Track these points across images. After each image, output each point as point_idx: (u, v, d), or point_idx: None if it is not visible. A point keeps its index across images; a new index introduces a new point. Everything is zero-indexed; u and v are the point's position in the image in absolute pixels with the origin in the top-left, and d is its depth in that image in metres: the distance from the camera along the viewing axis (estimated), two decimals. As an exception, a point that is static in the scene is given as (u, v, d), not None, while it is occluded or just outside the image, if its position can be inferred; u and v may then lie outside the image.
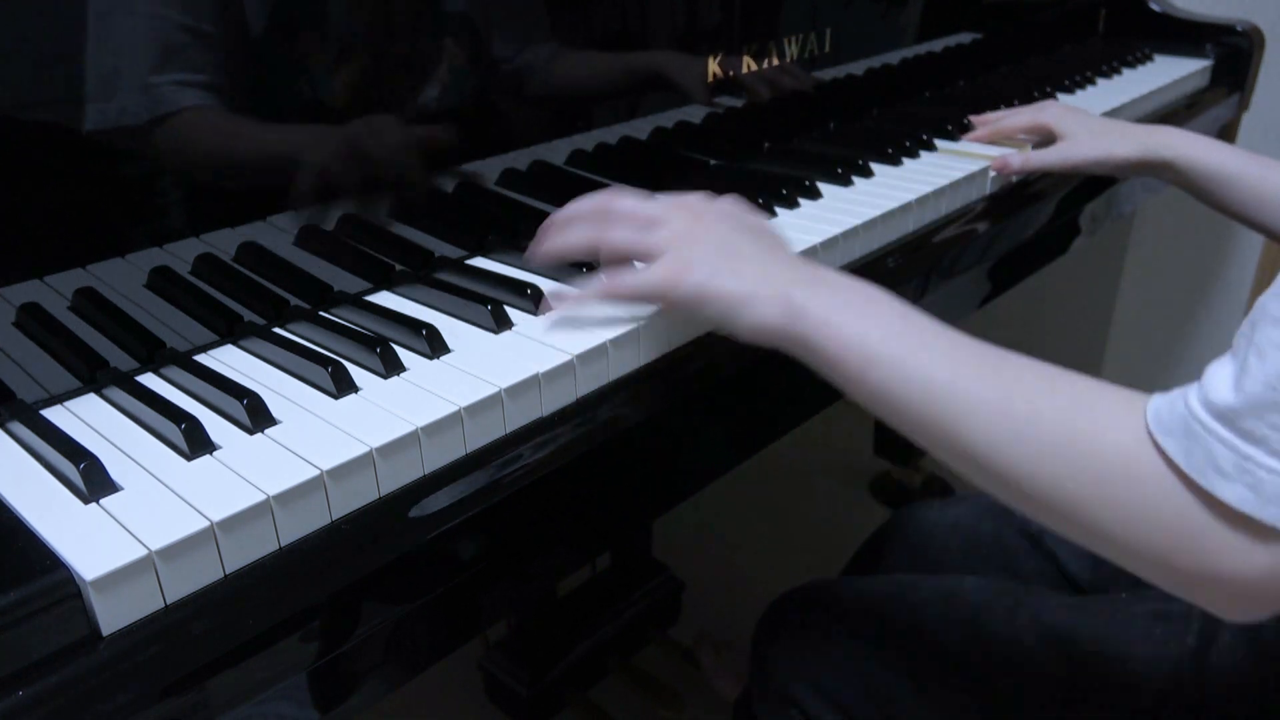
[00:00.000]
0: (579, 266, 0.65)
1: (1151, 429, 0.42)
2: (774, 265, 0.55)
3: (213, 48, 0.55)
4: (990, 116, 0.99)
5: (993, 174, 0.89)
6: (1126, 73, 1.31)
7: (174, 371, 0.55)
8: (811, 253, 0.71)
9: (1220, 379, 0.41)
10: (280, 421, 0.50)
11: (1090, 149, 0.89)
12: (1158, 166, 0.88)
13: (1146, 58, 1.39)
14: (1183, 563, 0.42)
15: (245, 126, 0.58)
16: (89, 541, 0.41)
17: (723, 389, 0.62)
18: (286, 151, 0.60)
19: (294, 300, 0.62)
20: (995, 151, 0.93)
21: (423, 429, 0.49)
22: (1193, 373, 0.43)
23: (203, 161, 0.57)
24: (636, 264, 0.58)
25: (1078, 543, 0.47)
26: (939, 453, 0.50)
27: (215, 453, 0.47)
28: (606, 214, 0.59)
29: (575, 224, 0.60)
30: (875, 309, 0.52)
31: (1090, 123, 0.92)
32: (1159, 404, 0.43)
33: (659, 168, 0.84)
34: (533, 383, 0.53)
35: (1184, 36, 1.41)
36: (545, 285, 0.64)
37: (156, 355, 0.56)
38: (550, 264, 0.63)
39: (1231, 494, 0.40)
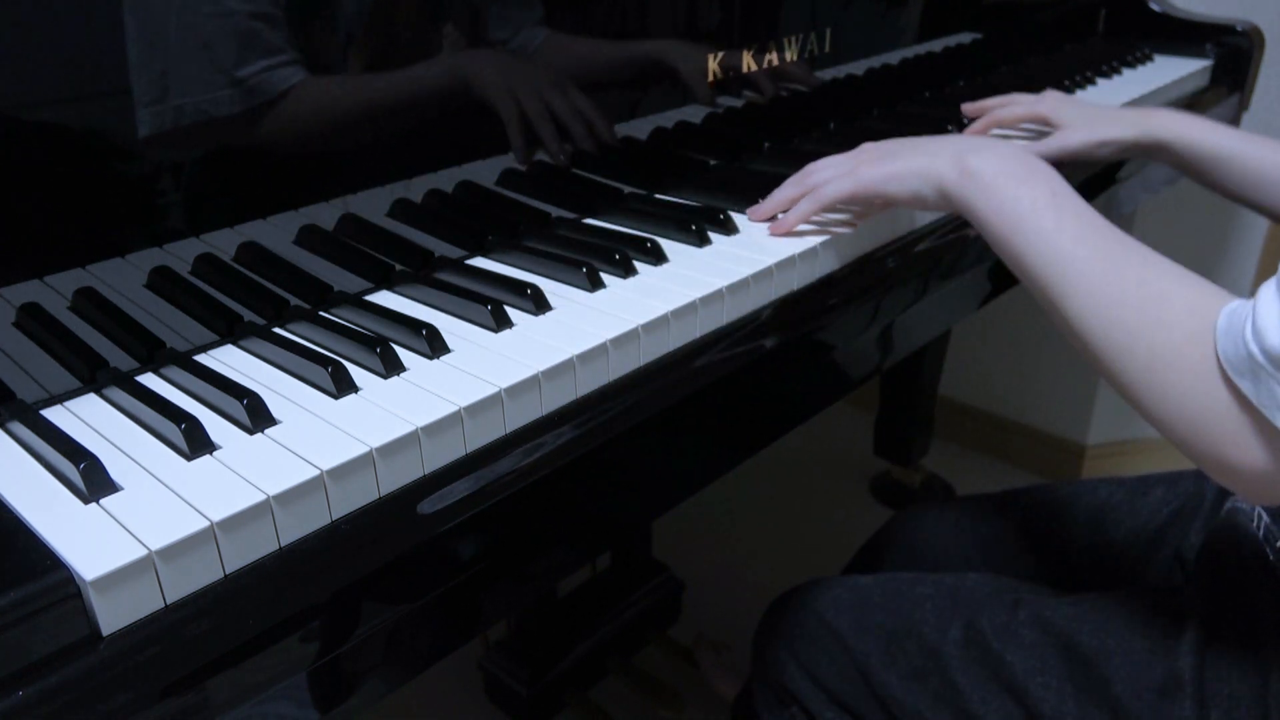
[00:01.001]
0: (580, 267, 0.65)
1: (1224, 368, 0.48)
2: (949, 141, 0.68)
3: (281, 25, 0.57)
4: (988, 103, 0.99)
5: None
6: (1126, 73, 1.31)
7: (174, 371, 0.55)
8: (811, 254, 0.71)
9: (1272, 318, 0.45)
10: (280, 421, 0.50)
11: (1086, 135, 0.89)
12: (1154, 148, 0.88)
13: (1146, 58, 1.39)
14: (1201, 445, 0.51)
15: (344, 87, 0.61)
16: (89, 541, 0.41)
17: (723, 388, 0.62)
18: (389, 100, 0.63)
19: (294, 300, 0.62)
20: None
21: (423, 429, 0.49)
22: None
23: (314, 133, 0.60)
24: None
25: (1133, 408, 0.55)
26: (1048, 312, 0.59)
27: (215, 453, 0.47)
28: (808, 171, 0.73)
29: (781, 193, 0.74)
30: (1034, 181, 0.61)
31: (1086, 110, 0.92)
32: (1225, 342, 0.49)
33: (659, 168, 0.84)
34: (533, 383, 0.53)
35: (1184, 36, 1.41)
36: (545, 285, 0.64)
37: (156, 355, 0.56)
38: (762, 218, 0.74)
39: None
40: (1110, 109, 0.94)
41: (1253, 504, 0.59)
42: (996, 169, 0.62)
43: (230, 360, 0.57)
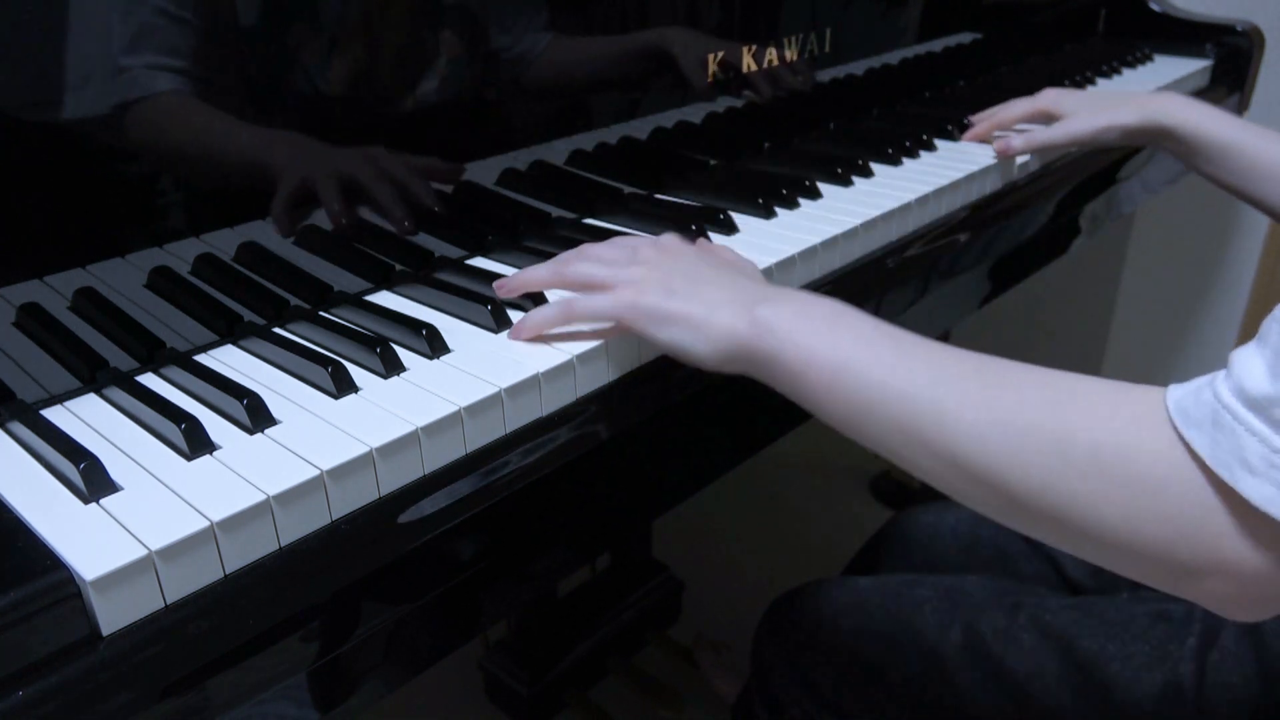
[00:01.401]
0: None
1: (1175, 421, 0.40)
2: (738, 287, 0.54)
3: (188, 33, 0.54)
4: (988, 111, 0.99)
5: (995, 159, 0.88)
6: (1126, 73, 1.31)
7: (174, 371, 0.55)
8: (811, 253, 0.71)
9: (1253, 368, 0.38)
10: (280, 421, 0.50)
11: (1090, 121, 0.88)
12: (1158, 133, 0.88)
13: (1146, 58, 1.39)
14: (1184, 554, 0.40)
15: (222, 121, 0.57)
16: (89, 541, 0.41)
17: (722, 389, 0.62)
18: (262, 155, 0.59)
19: (294, 300, 0.62)
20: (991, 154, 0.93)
21: (423, 429, 0.49)
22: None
23: (176, 153, 0.55)
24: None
25: (1066, 548, 0.45)
26: (918, 460, 0.47)
27: (215, 453, 0.47)
28: (577, 256, 0.59)
29: (544, 266, 0.60)
30: (846, 320, 0.50)
31: (1088, 98, 0.92)
32: (1181, 395, 0.40)
33: (659, 168, 0.84)
34: (533, 383, 0.53)
35: (1184, 36, 1.41)
36: (545, 285, 0.64)
37: (156, 355, 0.56)
38: (513, 296, 0.61)
39: (1256, 492, 0.37)
40: (1113, 94, 0.94)
41: (1250, 620, 0.43)
42: (795, 314, 0.51)
43: (230, 360, 0.57)
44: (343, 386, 0.52)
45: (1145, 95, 0.90)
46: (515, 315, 0.60)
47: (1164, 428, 0.40)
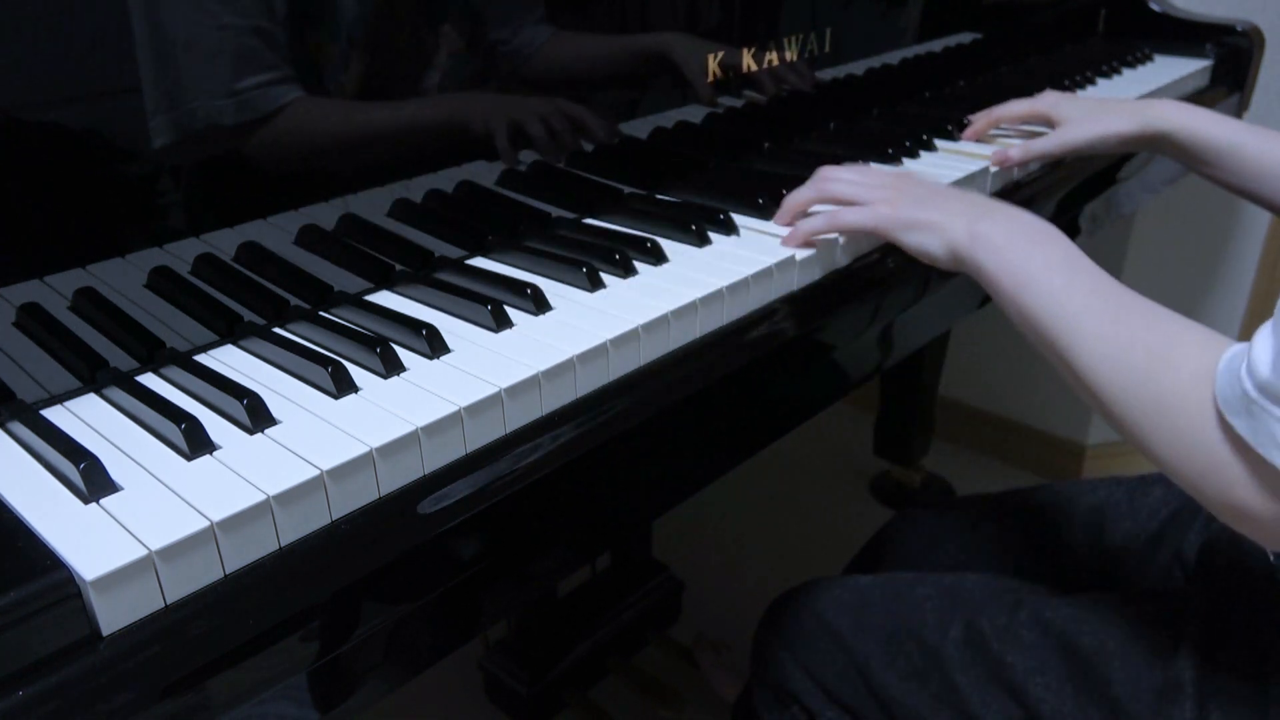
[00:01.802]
0: (580, 267, 0.65)
1: (1219, 405, 0.48)
2: (966, 200, 0.68)
3: (279, 42, 0.57)
4: (986, 111, 0.99)
5: (994, 169, 0.88)
6: (1126, 73, 1.31)
7: (174, 371, 0.55)
8: (811, 254, 0.71)
9: (1263, 353, 0.45)
10: (280, 421, 0.50)
11: (1088, 129, 0.88)
12: (1156, 139, 0.88)
13: (1146, 58, 1.39)
14: (1210, 491, 0.50)
15: (340, 109, 0.61)
16: (89, 541, 0.41)
17: (723, 388, 0.62)
18: (376, 129, 0.64)
19: (294, 300, 0.62)
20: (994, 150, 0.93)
21: (423, 429, 0.49)
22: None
23: (310, 152, 0.61)
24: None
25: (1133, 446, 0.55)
26: (1058, 368, 0.59)
27: (215, 453, 0.47)
28: (832, 177, 0.73)
29: (806, 185, 0.74)
30: (1041, 242, 0.62)
31: (1085, 105, 0.92)
32: (1223, 382, 0.48)
33: (659, 168, 0.84)
34: (533, 383, 0.53)
35: (1184, 36, 1.41)
36: (545, 285, 0.64)
37: (156, 355, 0.56)
38: (786, 221, 0.74)
39: None
40: (1111, 101, 0.94)
41: (1268, 548, 0.58)
42: (1007, 231, 0.63)
43: (230, 360, 0.57)
44: (343, 386, 0.52)
45: (1142, 102, 0.90)
46: (515, 315, 0.60)
47: (1209, 396, 0.49)
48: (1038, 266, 0.60)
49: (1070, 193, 0.98)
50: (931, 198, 0.68)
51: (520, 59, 0.70)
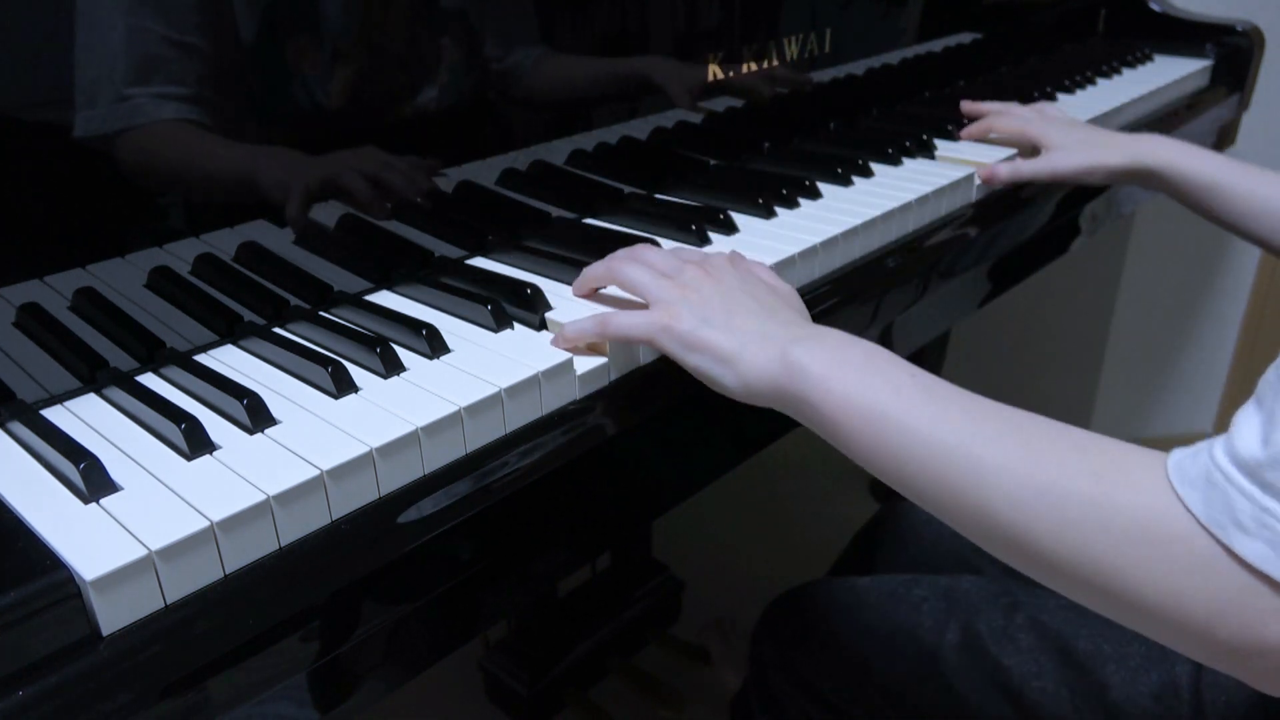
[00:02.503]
0: (580, 267, 0.65)
1: (1172, 479, 0.40)
2: (774, 323, 0.54)
3: (195, 61, 0.55)
4: (985, 106, 0.99)
5: (979, 184, 0.88)
6: (1126, 73, 1.31)
7: (174, 371, 0.55)
8: (812, 253, 0.71)
9: (1247, 431, 0.38)
10: (280, 421, 0.50)
11: (1076, 160, 0.88)
12: (1145, 176, 0.88)
13: (1146, 58, 1.39)
14: (1223, 633, 0.39)
15: (222, 145, 0.57)
16: (89, 541, 0.41)
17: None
18: (260, 172, 0.59)
19: (294, 300, 0.62)
20: (995, 152, 0.93)
21: (423, 429, 0.49)
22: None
23: (172, 175, 0.56)
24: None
25: (1105, 614, 0.43)
26: (952, 515, 0.47)
27: (215, 453, 0.47)
28: (630, 258, 0.60)
29: (601, 263, 0.61)
30: (880, 366, 0.50)
31: (1077, 132, 0.92)
32: (1181, 455, 0.41)
33: (659, 168, 0.84)
34: (533, 383, 0.53)
35: (1184, 36, 1.41)
36: (545, 285, 0.64)
37: (156, 355, 0.56)
38: (580, 294, 0.63)
39: (1251, 550, 0.37)
40: (1102, 132, 0.93)
41: None
42: (830, 357, 0.50)
43: (230, 360, 0.57)
44: (343, 386, 0.52)
45: (1132, 136, 0.90)
46: (516, 314, 0.60)
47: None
48: (885, 397, 0.48)
49: (1070, 193, 0.98)
50: (723, 314, 0.54)
51: (519, 77, 0.70)
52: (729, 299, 0.55)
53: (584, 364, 0.56)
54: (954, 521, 0.47)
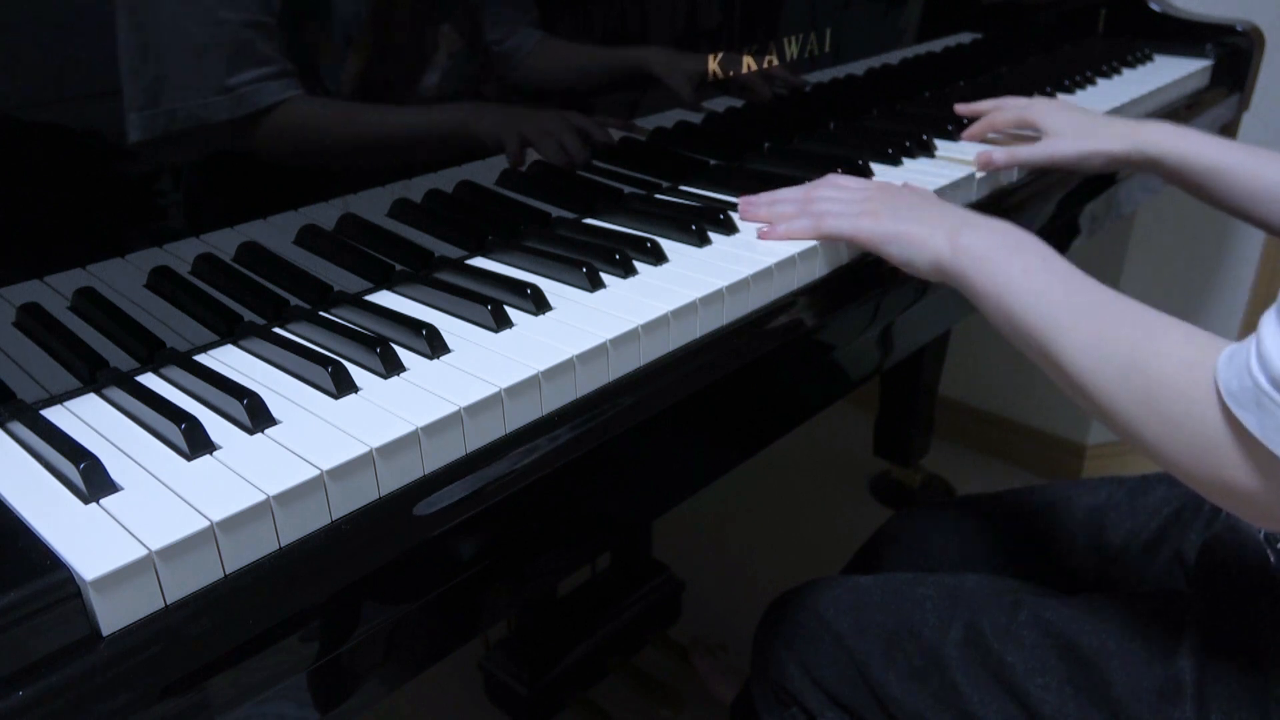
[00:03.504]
0: (580, 267, 0.65)
1: (1226, 401, 0.48)
2: (948, 215, 0.69)
3: (275, 37, 0.57)
4: (981, 106, 0.99)
5: (980, 175, 0.88)
6: (1126, 73, 1.31)
7: (174, 371, 0.55)
8: (811, 253, 0.71)
9: (1277, 344, 0.46)
10: (280, 421, 0.50)
11: (1075, 145, 0.88)
12: (1143, 163, 0.87)
13: (1146, 58, 1.39)
14: (1201, 474, 0.51)
15: (335, 109, 0.61)
16: (89, 541, 0.41)
17: (722, 389, 0.62)
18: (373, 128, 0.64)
19: (294, 300, 0.62)
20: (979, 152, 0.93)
21: (423, 429, 0.49)
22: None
23: (300, 150, 0.61)
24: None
25: (1136, 448, 0.55)
26: (1043, 365, 0.61)
27: (215, 453, 0.47)
28: (825, 184, 0.76)
29: (782, 202, 0.75)
30: (1021, 250, 0.64)
31: (1077, 118, 0.92)
32: (1228, 375, 0.49)
33: (659, 167, 0.84)
34: (533, 383, 0.53)
35: (1184, 36, 1.41)
36: (545, 285, 0.64)
37: (156, 355, 0.56)
38: (760, 214, 0.75)
39: None
40: (1102, 118, 0.93)
41: (1257, 526, 0.59)
42: (988, 243, 0.65)
43: (230, 360, 0.57)
44: (343, 386, 0.52)
45: (1133, 123, 0.89)
46: (515, 315, 0.60)
47: (1210, 385, 0.50)
48: (1017, 272, 0.62)
49: (1070, 193, 0.98)
50: (913, 210, 0.70)
51: (512, 64, 0.70)
52: (911, 201, 0.72)
53: (585, 365, 0.56)
54: (1049, 372, 0.61)
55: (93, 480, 0.44)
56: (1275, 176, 0.81)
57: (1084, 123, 0.90)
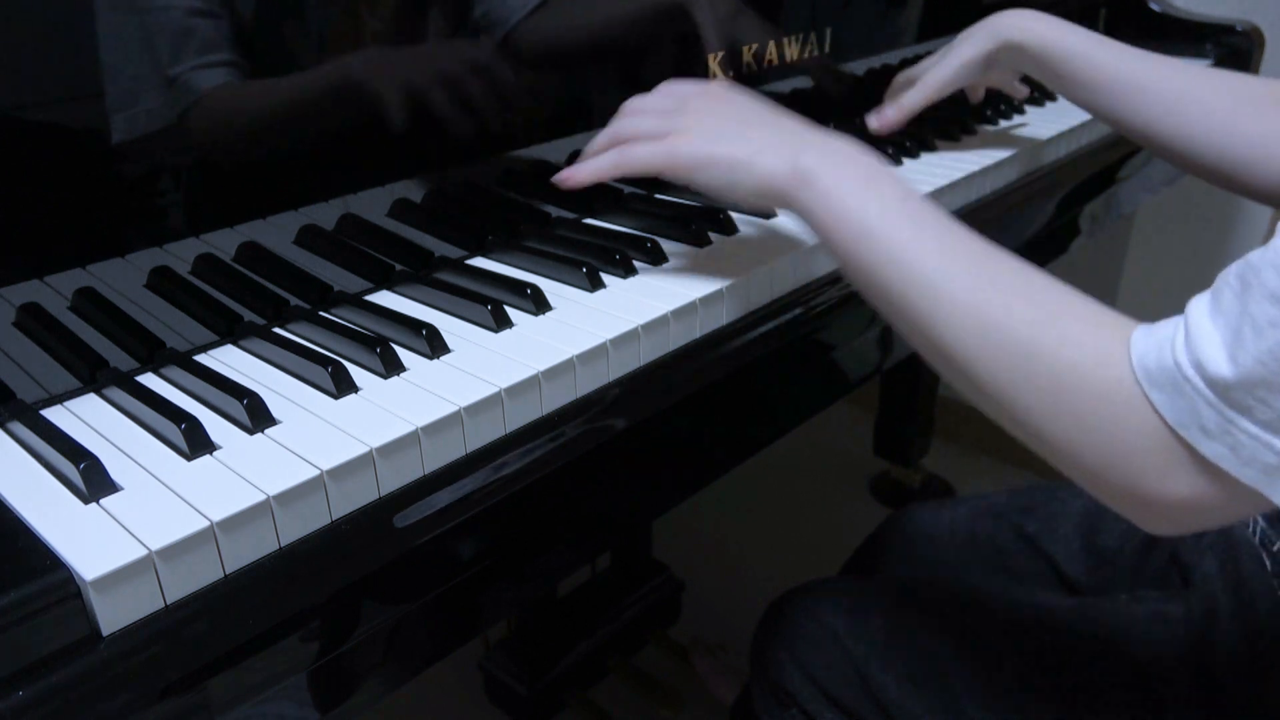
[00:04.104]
0: (580, 267, 0.65)
1: (1139, 377, 0.43)
2: (784, 131, 0.57)
3: (223, 22, 0.55)
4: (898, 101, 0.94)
5: (993, 161, 0.86)
6: (1126, 73, 1.31)
7: (174, 371, 0.55)
8: (811, 253, 0.71)
9: (1211, 342, 0.41)
10: (280, 421, 0.50)
11: (943, 67, 0.86)
12: (1010, 52, 0.84)
13: (1146, 58, 1.39)
14: (1114, 478, 0.45)
15: (270, 87, 0.58)
16: (89, 541, 0.41)
17: (722, 389, 0.62)
18: (317, 100, 0.60)
19: (294, 300, 0.62)
20: (996, 154, 0.93)
21: (423, 429, 0.49)
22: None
23: (238, 137, 0.57)
24: None
25: (1017, 437, 0.48)
26: (909, 337, 0.51)
27: (215, 453, 0.47)
28: (628, 111, 0.62)
29: (597, 144, 0.63)
30: (880, 185, 0.53)
31: (937, 53, 0.90)
32: (1145, 349, 0.43)
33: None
34: (533, 383, 0.53)
35: (1184, 36, 1.41)
36: (545, 285, 0.64)
37: (156, 355, 0.56)
38: (588, 175, 0.63)
39: (1211, 450, 0.41)
40: (960, 35, 0.89)
41: (1164, 534, 0.51)
42: (836, 168, 0.54)
43: (230, 360, 0.57)
44: (343, 386, 0.52)
45: (991, 17, 0.86)
46: (515, 315, 0.60)
47: (1125, 371, 0.44)
48: (874, 214, 0.52)
49: (1070, 193, 0.98)
50: (736, 126, 0.59)
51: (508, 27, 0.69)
52: (741, 114, 0.59)
53: (584, 365, 0.56)
54: (912, 343, 0.51)
55: (93, 480, 0.44)
56: (1136, 68, 0.76)
57: (951, 47, 0.88)
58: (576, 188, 0.60)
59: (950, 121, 1.00)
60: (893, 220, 0.51)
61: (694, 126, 0.58)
